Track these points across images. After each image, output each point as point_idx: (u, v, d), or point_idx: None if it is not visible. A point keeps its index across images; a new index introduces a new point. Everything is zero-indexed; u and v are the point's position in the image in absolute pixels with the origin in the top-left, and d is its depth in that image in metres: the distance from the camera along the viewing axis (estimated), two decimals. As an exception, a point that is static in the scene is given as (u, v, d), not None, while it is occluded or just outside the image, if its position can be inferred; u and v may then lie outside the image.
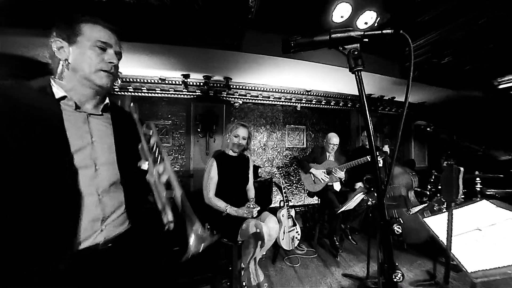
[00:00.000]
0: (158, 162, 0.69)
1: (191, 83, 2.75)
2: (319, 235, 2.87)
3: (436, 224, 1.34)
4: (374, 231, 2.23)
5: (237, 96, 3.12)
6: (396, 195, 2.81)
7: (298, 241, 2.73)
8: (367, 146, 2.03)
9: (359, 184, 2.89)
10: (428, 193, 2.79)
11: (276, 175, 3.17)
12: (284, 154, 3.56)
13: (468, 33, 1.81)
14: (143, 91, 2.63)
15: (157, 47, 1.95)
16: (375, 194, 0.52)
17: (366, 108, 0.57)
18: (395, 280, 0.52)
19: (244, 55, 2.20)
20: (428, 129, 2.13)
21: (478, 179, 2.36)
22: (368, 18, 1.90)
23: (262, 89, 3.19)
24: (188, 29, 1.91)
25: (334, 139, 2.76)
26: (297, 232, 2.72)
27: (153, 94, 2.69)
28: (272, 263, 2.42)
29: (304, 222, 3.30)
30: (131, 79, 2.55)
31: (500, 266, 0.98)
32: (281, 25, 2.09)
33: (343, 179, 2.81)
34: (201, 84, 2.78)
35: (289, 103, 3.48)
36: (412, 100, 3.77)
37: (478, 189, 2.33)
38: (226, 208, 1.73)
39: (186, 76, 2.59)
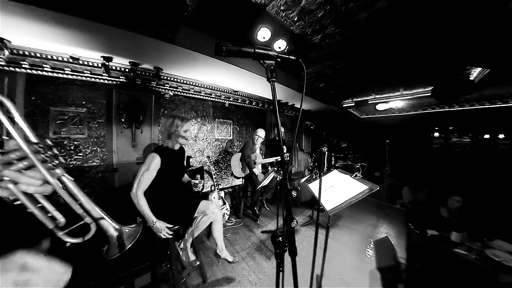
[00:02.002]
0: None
1: (113, 68, 2.25)
2: (244, 207, 3.39)
3: (314, 187, 1.89)
4: (280, 198, 2.98)
5: (168, 88, 2.88)
6: (298, 171, 3.84)
7: (228, 216, 3.11)
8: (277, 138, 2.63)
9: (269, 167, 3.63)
10: (310, 168, 4.00)
11: (207, 163, 3.32)
12: (213, 145, 3.72)
13: (333, 71, 2.79)
14: (46, 69, 1.88)
15: (70, 19, 1.48)
16: (282, 172, 0.72)
17: (277, 110, 0.66)
18: (292, 226, 0.72)
19: (177, 48, 2.05)
20: (312, 127, 2.80)
21: (333, 157, 3.71)
22: (281, 44, 2.38)
23: (194, 83, 3.13)
24: (115, 7, 1.60)
25: (261, 133, 3.29)
26: (226, 209, 3.07)
27: (60, 75, 1.96)
28: (207, 238, 2.64)
29: (232, 200, 3.71)
30: (27, 52, 1.76)
31: (340, 204, 1.45)
32: (215, 29, 2.13)
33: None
34: (127, 70, 2.34)
35: (218, 100, 3.61)
36: (304, 108, 4.89)
37: (333, 163, 3.68)
38: (155, 222, 1.53)
39: (108, 59, 2.09)
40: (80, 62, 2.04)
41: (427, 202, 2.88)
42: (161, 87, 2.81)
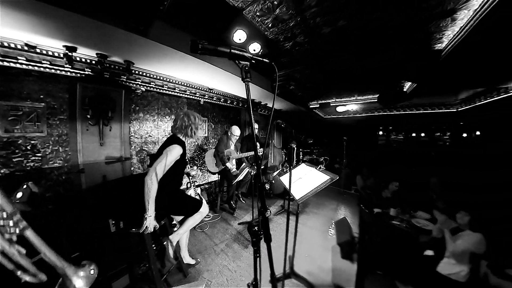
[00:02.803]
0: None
1: (78, 59, 2.00)
2: (221, 202, 3.45)
3: (285, 179, 1.96)
4: (255, 191, 3.15)
5: (139, 83, 2.70)
6: (273, 165, 4.08)
7: (205, 211, 3.12)
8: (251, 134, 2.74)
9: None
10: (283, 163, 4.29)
11: (182, 161, 3.24)
12: (188, 142, 3.63)
13: (301, 75, 3.06)
14: (-7, 57, 1.52)
15: (27, 2, 1.29)
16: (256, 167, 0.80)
17: (251, 108, 0.68)
18: (266, 216, 0.76)
19: (151, 42, 1.94)
20: (282, 125, 3.01)
21: (301, 152, 4.07)
22: (256, 47, 2.47)
23: (168, 80, 2.99)
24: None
25: (236, 131, 3.35)
26: (204, 204, 3.08)
27: (12, 64, 1.64)
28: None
29: (209, 196, 3.72)
30: (-32, 36, 1.38)
31: (306, 193, 1.59)
32: (191, 27, 2.09)
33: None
34: (93, 62, 2.11)
35: (193, 97, 3.53)
36: (276, 107, 5.13)
37: (301, 157, 4.04)
38: (150, 215, 1.45)
39: (71, 49, 1.85)
40: (38, 50, 1.76)
41: (374, 187, 3.47)
42: (132, 82, 2.62)
